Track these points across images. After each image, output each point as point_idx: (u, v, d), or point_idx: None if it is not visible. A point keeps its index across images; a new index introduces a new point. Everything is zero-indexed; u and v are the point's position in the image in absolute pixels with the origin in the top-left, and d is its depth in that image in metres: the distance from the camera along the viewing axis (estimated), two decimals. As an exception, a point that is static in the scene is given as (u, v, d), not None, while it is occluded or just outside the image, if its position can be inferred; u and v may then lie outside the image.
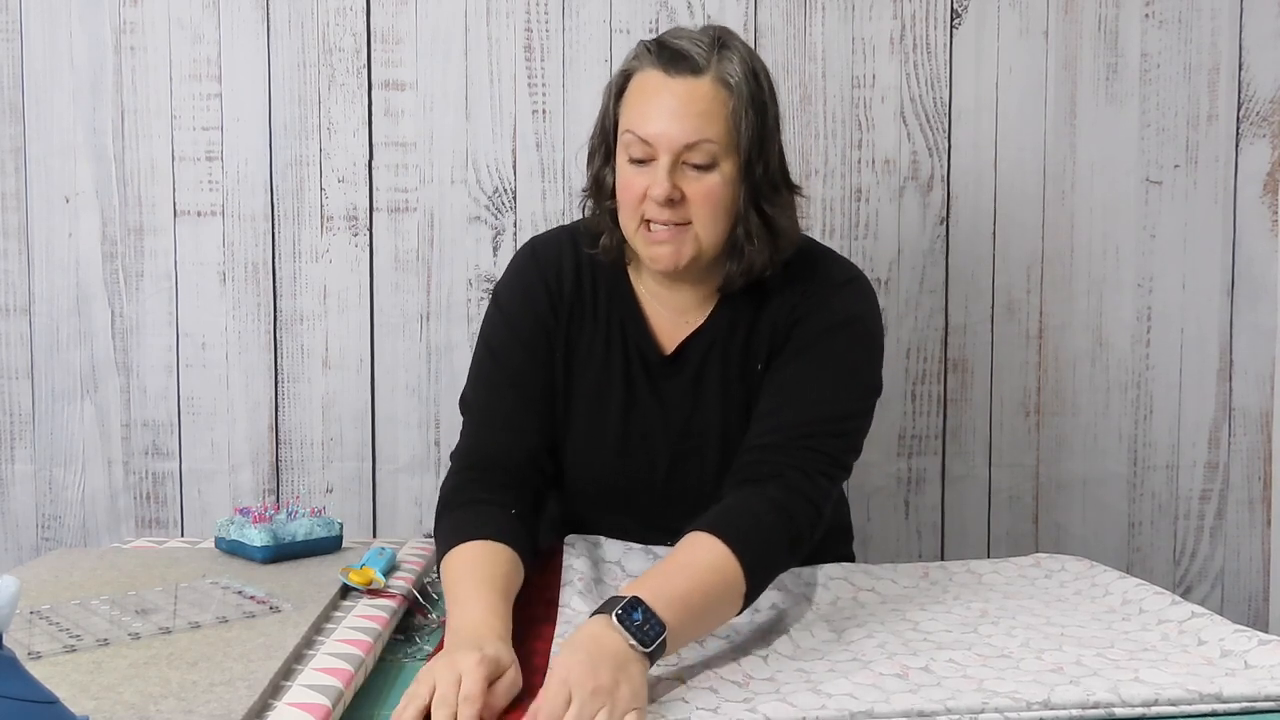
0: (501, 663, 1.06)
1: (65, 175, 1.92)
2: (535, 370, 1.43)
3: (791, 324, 1.39)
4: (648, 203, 1.32)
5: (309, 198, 1.93)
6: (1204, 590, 2.05)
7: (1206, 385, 2.03)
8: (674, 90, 1.30)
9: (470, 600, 1.17)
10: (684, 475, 1.44)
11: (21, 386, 1.94)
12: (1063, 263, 2.00)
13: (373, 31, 1.92)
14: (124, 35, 1.91)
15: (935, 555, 1.99)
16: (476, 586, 1.19)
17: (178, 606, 1.26)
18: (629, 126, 1.32)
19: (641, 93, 1.32)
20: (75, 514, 1.95)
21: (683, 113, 1.29)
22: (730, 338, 1.42)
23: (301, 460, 1.95)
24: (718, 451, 1.43)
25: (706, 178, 1.31)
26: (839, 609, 1.35)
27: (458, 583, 1.22)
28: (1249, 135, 2.00)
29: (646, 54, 1.33)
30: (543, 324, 1.43)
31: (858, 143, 1.96)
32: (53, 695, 0.80)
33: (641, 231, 1.34)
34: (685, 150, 1.30)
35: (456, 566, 1.25)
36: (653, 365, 1.44)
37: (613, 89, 1.36)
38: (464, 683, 1.01)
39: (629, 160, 1.33)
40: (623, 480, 1.45)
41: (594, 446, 1.44)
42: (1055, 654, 1.17)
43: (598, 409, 1.44)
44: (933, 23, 1.95)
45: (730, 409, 1.42)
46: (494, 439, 1.40)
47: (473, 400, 1.45)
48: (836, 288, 1.40)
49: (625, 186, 1.34)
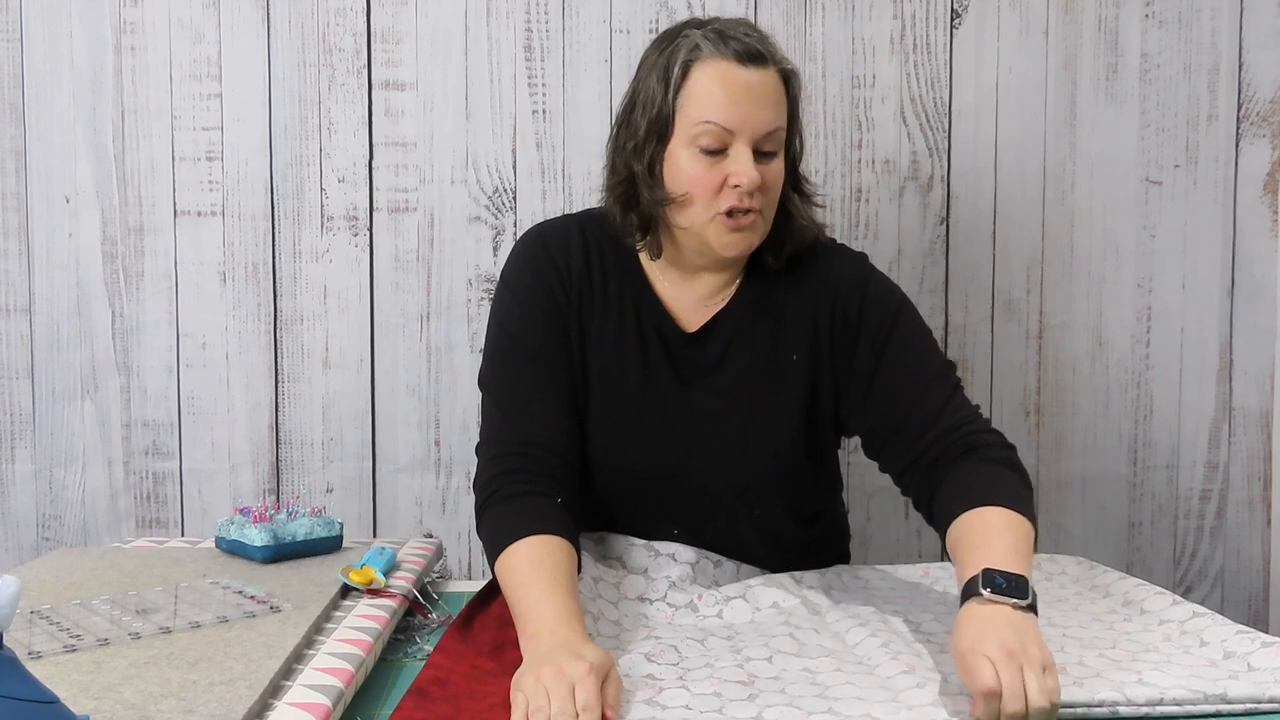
0: (606, 666, 1.06)
1: (65, 175, 1.92)
2: (554, 349, 1.41)
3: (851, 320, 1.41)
4: (727, 191, 1.33)
5: (309, 198, 1.93)
6: (1204, 590, 2.05)
7: (1206, 385, 2.03)
8: (750, 80, 1.32)
9: (544, 603, 1.16)
10: (702, 458, 1.42)
11: (22, 386, 1.94)
12: (1063, 263, 2.00)
13: (373, 31, 1.92)
14: (124, 35, 1.91)
15: (935, 555, 1.99)
16: (546, 588, 1.18)
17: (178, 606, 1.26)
18: (707, 116, 1.32)
19: (719, 83, 1.32)
20: (75, 514, 1.95)
21: (762, 101, 1.33)
22: (757, 321, 1.43)
23: (301, 460, 1.95)
24: (738, 430, 1.42)
25: (774, 164, 1.36)
26: (841, 609, 1.35)
27: (524, 584, 1.20)
28: (1249, 135, 2.00)
29: (708, 45, 1.33)
30: (555, 302, 1.42)
31: (858, 143, 1.96)
32: (53, 695, 0.80)
33: (719, 220, 1.35)
34: (763, 138, 1.33)
35: (517, 567, 1.23)
36: (673, 344, 1.43)
37: (670, 80, 1.34)
38: (579, 693, 1.01)
39: (701, 150, 1.33)
40: (639, 463, 1.42)
41: (610, 428, 1.42)
42: (1058, 655, 1.17)
43: (614, 390, 1.42)
44: (933, 23, 1.95)
45: (756, 393, 1.42)
46: (524, 424, 1.38)
47: (495, 385, 1.43)
48: (867, 273, 1.46)
49: (698, 178, 1.33)
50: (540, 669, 1.04)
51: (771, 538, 1.46)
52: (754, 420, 1.42)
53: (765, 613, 1.36)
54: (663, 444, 1.42)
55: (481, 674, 1.17)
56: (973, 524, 1.22)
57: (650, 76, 1.37)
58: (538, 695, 1.02)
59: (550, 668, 1.04)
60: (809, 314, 1.43)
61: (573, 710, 1.00)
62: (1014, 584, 1.11)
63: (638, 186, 1.38)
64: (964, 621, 1.09)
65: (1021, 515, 1.22)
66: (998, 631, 1.05)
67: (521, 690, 1.03)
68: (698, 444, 1.42)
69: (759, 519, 1.44)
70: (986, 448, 1.32)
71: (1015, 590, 1.10)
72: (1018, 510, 1.22)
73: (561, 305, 1.42)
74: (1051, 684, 1.02)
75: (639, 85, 1.39)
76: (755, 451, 1.41)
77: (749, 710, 1.04)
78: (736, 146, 1.32)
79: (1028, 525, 1.22)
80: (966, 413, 1.36)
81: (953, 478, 1.30)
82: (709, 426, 1.42)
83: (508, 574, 1.24)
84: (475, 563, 1.96)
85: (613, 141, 1.42)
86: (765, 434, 1.42)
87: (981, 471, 1.29)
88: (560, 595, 1.17)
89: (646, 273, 1.45)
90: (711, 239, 1.36)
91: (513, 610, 1.20)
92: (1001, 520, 1.21)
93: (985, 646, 1.03)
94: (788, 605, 1.35)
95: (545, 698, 1.01)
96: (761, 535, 1.46)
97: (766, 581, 1.42)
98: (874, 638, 1.23)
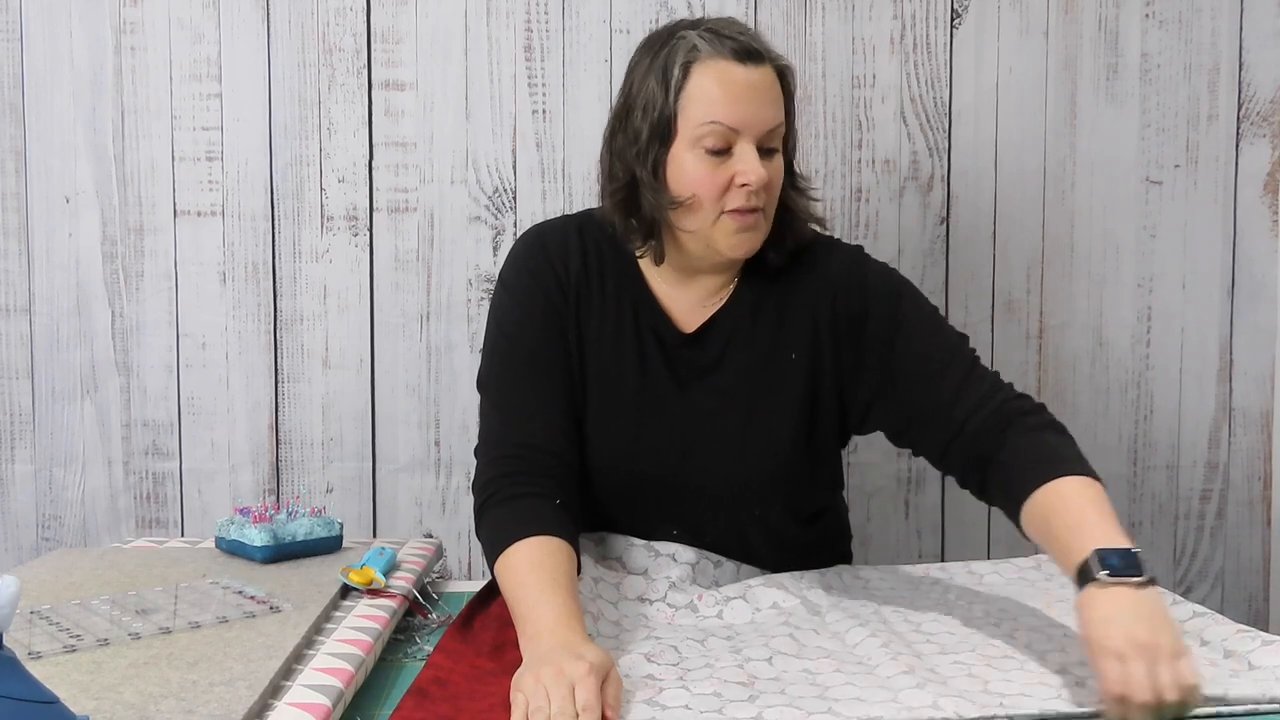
0: (605, 666, 1.06)
1: (65, 175, 1.92)
2: (552, 349, 1.41)
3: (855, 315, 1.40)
4: (734, 191, 1.33)
5: (309, 198, 1.93)
6: (1204, 590, 2.05)
7: (1206, 385, 2.03)
8: (752, 79, 1.32)
9: (543, 604, 1.16)
10: (700, 458, 1.42)
11: (21, 386, 1.94)
12: (1063, 263, 2.00)
13: (373, 31, 1.92)
14: (124, 35, 1.91)
15: (936, 556, 1.99)
16: (545, 589, 1.18)
17: (178, 606, 1.26)
18: (712, 117, 1.31)
19: (721, 83, 1.31)
20: (75, 514, 1.95)
21: (764, 99, 1.33)
22: (755, 320, 1.43)
23: (301, 460, 1.95)
24: (737, 430, 1.41)
25: (776, 160, 1.36)
26: (841, 609, 1.35)
27: (523, 585, 1.20)
28: (1249, 135, 2.00)
29: (706, 45, 1.32)
30: (553, 303, 1.42)
31: (858, 143, 1.96)
32: (53, 695, 0.80)
33: (725, 220, 1.34)
34: (766, 135, 1.33)
35: (516, 568, 1.23)
36: (670, 345, 1.43)
37: (670, 82, 1.33)
38: (579, 693, 1.01)
39: (706, 151, 1.32)
40: (638, 464, 1.42)
41: (608, 429, 1.42)
42: (1059, 656, 1.17)
43: (611, 391, 1.42)
44: (933, 23, 1.95)
45: (755, 392, 1.42)
46: (522, 425, 1.38)
47: (494, 387, 1.42)
48: (863, 264, 1.45)
49: (704, 179, 1.33)
50: (540, 669, 1.04)
51: (772, 537, 1.46)
52: (753, 420, 1.41)
53: (765, 613, 1.36)
54: (661, 445, 1.42)
55: (482, 674, 1.17)
56: (1053, 500, 1.22)
57: (648, 79, 1.35)
58: (538, 695, 1.02)
59: (550, 668, 1.04)
60: (808, 312, 1.42)
61: (572, 710, 1.00)
62: (1127, 561, 1.10)
63: (639, 191, 1.37)
64: (1087, 610, 1.09)
65: (1094, 479, 1.24)
66: (1124, 622, 1.05)
67: (521, 690, 1.03)
68: (696, 444, 1.42)
69: (759, 519, 1.44)
70: (1026, 415, 1.32)
71: (1130, 568, 1.10)
72: (1089, 474, 1.24)
73: (559, 306, 1.42)
74: (1185, 671, 1.02)
75: (634, 89, 1.37)
76: (754, 451, 1.41)
77: (749, 710, 1.04)
78: (741, 145, 1.32)
79: (1101, 488, 1.23)
80: (992, 383, 1.36)
81: (1008, 454, 1.29)
82: (708, 427, 1.42)
83: (507, 575, 1.24)
84: (475, 563, 1.96)
85: (608, 147, 1.41)
86: (764, 433, 1.41)
87: (1035, 442, 1.29)
88: (560, 596, 1.17)
89: (644, 274, 1.45)
90: (719, 241, 1.36)
91: (512, 612, 1.20)
92: (1083, 491, 1.22)
93: (1113, 640, 1.03)
94: (788, 605, 1.35)
95: (545, 698, 1.01)
96: (762, 535, 1.46)
97: (766, 582, 1.42)
98: (874, 638, 1.23)
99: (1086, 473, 1.24)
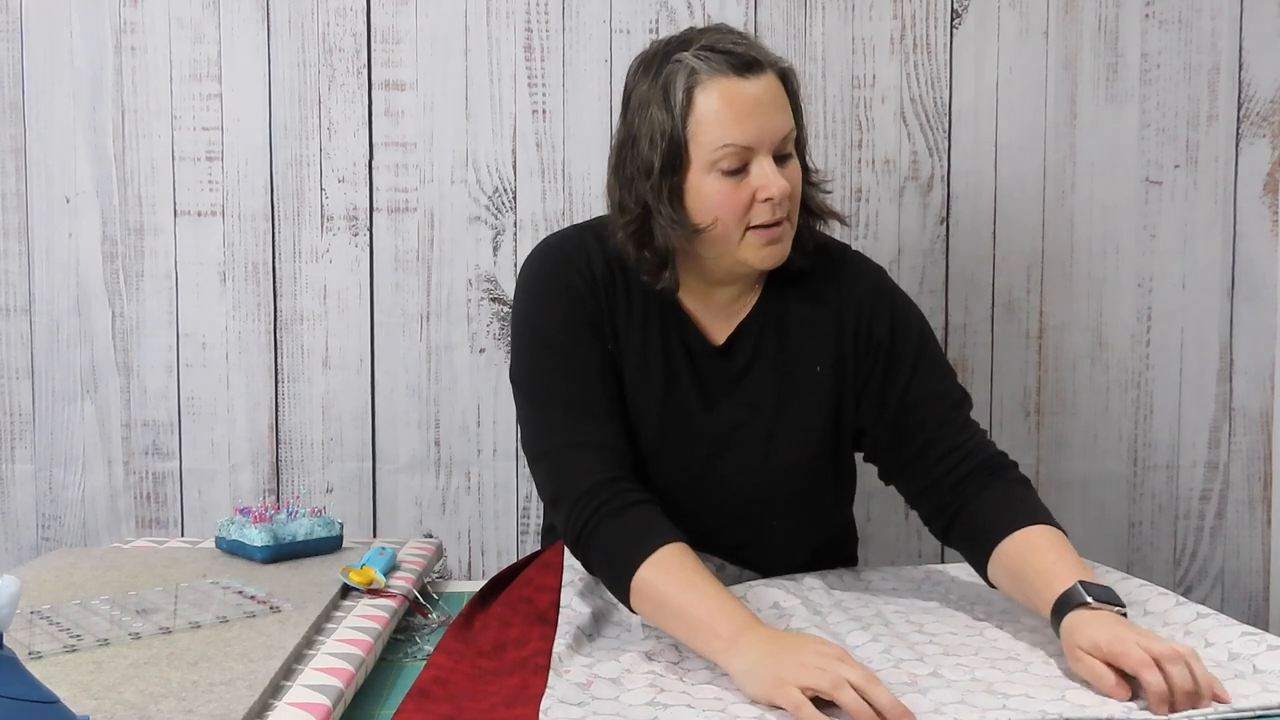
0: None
1: (65, 175, 1.92)
2: (592, 346, 1.38)
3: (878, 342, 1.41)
4: (757, 207, 1.31)
5: (309, 198, 1.92)
6: (1204, 590, 2.05)
7: (1206, 385, 2.03)
8: (755, 91, 1.30)
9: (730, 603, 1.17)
10: (721, 470, 1.41)
11: (21, 386, 1.94)
12: (1063, 263, 2.00)
13: (373, 31, 1.92)
14: (124, 35, 1.91)
15: (936, 556, 1.99)
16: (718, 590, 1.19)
17: (178, 606, 1.26)
18: (726, 140, 1.28)
19: (727, 102, 1.28)
20: (75, 514, 1.95)
21: (772, 109, 1.31)
22: (780, 332, 1.42)
23: (301, 460, 1.95)
24: (762, 441, 1.41)
25: (792, 165, 1.35)
26: (841, 610, 1.35)
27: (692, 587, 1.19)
28: (1249, 135, 2.00)
29: (704, 65, 1.29)
30: (583, 301, 1.38)
31: (858, 143, 1.96)
32: (53, 695, 0.80)
33: (751, 236, 1.33)
34: (780, 143, 1.32)
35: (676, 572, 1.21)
36: (699, 356, 1.41)
37: (674, 108, 1.29)
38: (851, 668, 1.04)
39: (723, 173, 1.30)
40: (662, 474, 1.39)
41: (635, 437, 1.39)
42: (1061, 658, 1.17)
43: (638, 397, 1.40)
44: (933, 23, 1.95)
45: (780, 404, 1.41)
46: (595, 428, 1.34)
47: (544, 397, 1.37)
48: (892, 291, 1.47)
49: (725, 201, 1.30)
50: (799, 656, 1.07)
51: (787, 546, 1.46)
52: (778, 432, 1.41)
53: (766, 614, 1.35)
54: (685, 454, 1.41)
55: (483, 674, 1.17)
56: (1023, 547, 1.27)
57: (650, 106, 1.31)
58: (824, 674, 1.04)
59: (806, 652, 1.07)
60: (833, 323, 1.42)
61: (863, 673, 1.04)
62: (1109, 594, 1.17)
63: (653, 222, 1.34)
64: (1079, 627, 1.13)
65: (1053, 526, 1.29)
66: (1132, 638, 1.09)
67: (800, 681, 1.04)
68: (721, 456, 1.41)
69: (777, 529, 1.44)
70: (1004, 469, 1.37)
71: (1113, 599, 1.17)
72: (1057, 526, 1.29)
73: (590, 304, 1.38)
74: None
75: (638, 118, 1.33)
76: (779, 463, 1.41)
77: (750, 711, 1.04)
78: (758, 160, 1.30)
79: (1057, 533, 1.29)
80: (980, 437, 1.40)
81: (984, 502, 1.33)
82: (734, 438, 1.41)
83: (664, 580, 1.20)
84: (475, 563, 1.96)
85: (615, 178, 1.37)
86: (789, 445, 1.41)
87: (1011, 494, 1.34)
88: (730, 595, 1.19)
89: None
90: (748, 256, 1.34)
91: (679, 619, 1.18)
92: (1054, 538, 1.27)
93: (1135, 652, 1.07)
94: (788, 606, 1.35)
95: (833, 672, 1.03)
96: (777, 543, 1.46)
97: (767, 582, 1.42)
98: (875, 642, 1.23)
99: (1044, 519, 1.30)
